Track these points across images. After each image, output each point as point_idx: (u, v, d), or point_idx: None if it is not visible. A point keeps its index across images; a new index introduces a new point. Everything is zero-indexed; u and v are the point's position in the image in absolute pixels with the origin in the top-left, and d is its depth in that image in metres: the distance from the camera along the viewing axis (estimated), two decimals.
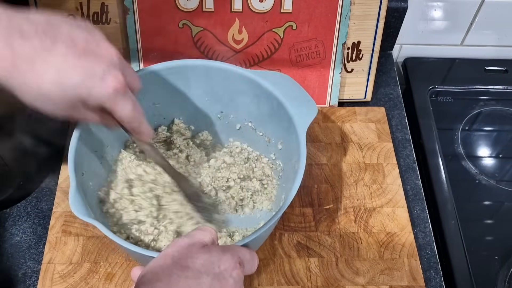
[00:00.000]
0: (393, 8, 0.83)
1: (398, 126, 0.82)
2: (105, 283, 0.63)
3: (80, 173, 0.56)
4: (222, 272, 0.45)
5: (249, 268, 0.50)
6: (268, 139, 0.69)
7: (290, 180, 0.60)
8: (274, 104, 0.63)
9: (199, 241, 0.48)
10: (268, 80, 0.63)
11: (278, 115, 0.63)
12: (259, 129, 0.70)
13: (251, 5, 0.73)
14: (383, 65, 0.90)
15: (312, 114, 0.61)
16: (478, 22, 0.89)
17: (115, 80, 0.46)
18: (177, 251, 0.46)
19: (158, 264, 0.45)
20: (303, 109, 0.61)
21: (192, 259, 0.45)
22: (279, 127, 0.65)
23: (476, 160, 0.82)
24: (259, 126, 0.69)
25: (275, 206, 0.68)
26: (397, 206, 0.72)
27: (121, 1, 0.72)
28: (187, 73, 0.65)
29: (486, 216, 0.76)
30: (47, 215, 0.69)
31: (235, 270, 0.46)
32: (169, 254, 0.46)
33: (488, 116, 0.88)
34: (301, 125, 0.60)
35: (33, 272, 0.65)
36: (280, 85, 0.63)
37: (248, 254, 0.50)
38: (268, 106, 0.65)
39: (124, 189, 0.63)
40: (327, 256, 0.67)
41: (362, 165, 0.76)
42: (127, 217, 0.62)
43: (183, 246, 0.47)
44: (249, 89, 0.65)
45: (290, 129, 0.61)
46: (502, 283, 0.69)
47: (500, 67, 0.93)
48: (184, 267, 0.45)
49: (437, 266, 0.68)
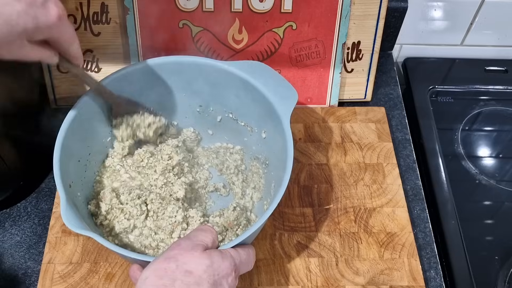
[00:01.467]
0: (393, 8, 0.83)
1: (398, 126, 0.82)
2: (105, 283, 0.63)
3: (67, 185, 0.56)
4: (220, 279, 0.47)
5: (245, 268, 0.51)
6: (250, 128, 0.69)
7: (279, 168, 0.60)
8: (254, 93, 0.64)
9: (201, 243, 0.48)
10: (245, 70, 0.64)
11: (258, 104, 0.64)
12: (240, 119, 0.70)
13: (251, 5, 0.73)
14: (383, 65, 0.90)
15: (293, 99, 0.62)
16: (478, 22, 0.89)
17: (56, 8, 0.46)
18: (180, 254, 0.46)
19: (162, 267, 0.45)
20: (283, 96, 0.62)
21: (196, 265, 0.46)
22: (261, 115, 0.65)
23: (476, 160, 0.82)
24: (240, 116, 0.69)
25: (266, 195, 0.68)
26: (397, 206, 0.72)
27: (121, 1, 0.72)
28: (161, 70, 0.66)
29: (486, 216, 0.76)
30: (47, 215, 0.69)
31: (230, 277, 0.48)
32: (172, 257, 0.46)
33: (488, 116, 0.88)
34: (284, 111, 0.61)
35: (33, 272, 0.65)
36: (258, 73, 0.64)
37: (244, 255, 0.51)
38: (248, 96, 0.65)
39: (113, 199, 0.63)
40: (327, 256, 0.67)
41: (362, 165, 0.76)
42: (120, 226, 0.62)
43: (186, 249, 0.47)
44: (226, 80, 0.65)
45: (273, 117, 0.62)
46: (502, 283, 0.69)
47: (500, 67, 0.93)
48: (187, 272, 0.45)
49: (437, 266, 0.68)
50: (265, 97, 0.62)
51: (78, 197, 0.60)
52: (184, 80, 0.67)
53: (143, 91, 0.67)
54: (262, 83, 0.63)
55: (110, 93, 0.63)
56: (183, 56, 0.66)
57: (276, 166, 0.64)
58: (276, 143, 0.62)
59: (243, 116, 0.69)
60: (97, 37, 0.75)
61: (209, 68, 0.65)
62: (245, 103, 0.66)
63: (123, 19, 0.74)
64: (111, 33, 0.75)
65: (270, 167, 0.67)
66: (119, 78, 0.64)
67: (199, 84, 0.68)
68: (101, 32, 0.75)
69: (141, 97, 0.67)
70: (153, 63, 0.65)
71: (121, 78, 0.64)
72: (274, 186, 0.64)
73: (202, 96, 0.69)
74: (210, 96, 0.69)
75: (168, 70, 0.66)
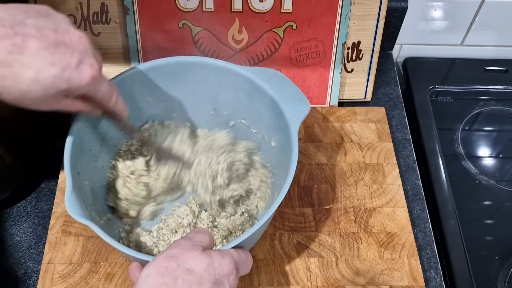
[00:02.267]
0: (393, 8, 0.83)
1: (398, 126, 0.82)
2: (105, 283, 0.63)
3: (75, 172, 0.56)
4: (221, 277, 0.47)
5: (244, 270, 0.52)
6: (262, 136, 0.69)
7: (282, 177, 0.60)
8: (267, 101, 0.63)
9: (200, 244, 0.48)
10: (261, 77, 0.63)
11: (271, 112, 0.63)
12: (253, 126, 0.69)
13: (251, 5, 0.73)
14: (383, 65, 0.90)
15: (305, 110, 0.61)
16: (478, 22, 0.89)
17: (90, 68, 0.47)
18: (181, 253, 0.46)
19: (163, 265, 0.45)
20: (296, 106, 0.62)
21: (197, 263, 0.46)
22: (272, 124, 0.65)
23: (476, 160, 0.82)
24: (253, 123, 0.69)
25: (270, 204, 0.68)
26: (397, 206, 0.72)
27: (121, 1, 0.72)
28: (179, 70, 0.65)
29: (486, 216, 0.76)
30: (47, 215, 0.69)
31: (231, 276, 0.48)
32: (173, 256, 0.46)
33: (488, 116, 0.88)
34: (294, 121, 0.60)
35: (33, 272, 0.65)
36: (273, 81, 0.63)
37: (243, 256, 0.52)
38: (261, 103, 0.65)
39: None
40: (327, 256, 0.67)
41: (362, 165, 0.76)
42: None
43: (187, 248, 0.47)
44: (242, 86, 0.65)
45: (282, 126, 0.62)
46: (502, 283, 0.69)
47: (500, 67, 0.93)
48: (189, 270, 0.45)
49: (437, 266, 0.68)
50: (278, 106, 0.61)
51: (86, 185, 0.60)
52: (202, 82, 0.66)
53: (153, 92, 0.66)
54: (275, 91, 0.62)
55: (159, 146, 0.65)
56: (198, 57, 0.65)
57: (280, 175, 0.64)
58: (285, 153, 0.62)
59: (255, 124, 0.69)
60: (97, 37, 0.75)
61: (228, 72, 0.64)
62: (258, 111, 0.66)
63: (123, 19, 0.74)
64: (111, 33, 0.75)
65: (276, 176, 0.67)
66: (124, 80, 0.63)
67: (216, 87, 0.67)
68: (101, 32, 0.75)
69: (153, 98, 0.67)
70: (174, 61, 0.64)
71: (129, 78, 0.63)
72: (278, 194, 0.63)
73: (217, 100, 0.69)
74: (225, 100, 0.68)
75: (182, 71, 0.65)
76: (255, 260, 0.66)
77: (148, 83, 0.64)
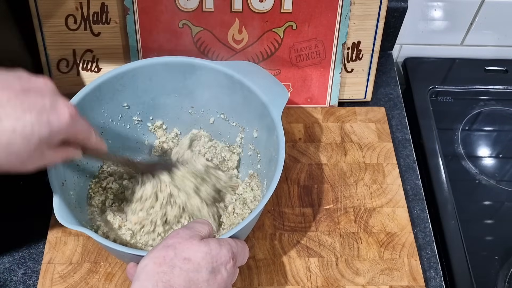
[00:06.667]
0: (393, 8, 0.83)
1: (398, 126, 0.82)
2: (105, 283, 0.63)
3: (60, 183, 0.56)
4: (219, 266, 0.48)
5: (241, 260, 0.53)
6: (242, 128, 0.69)
7: (271, 167, 0.60)
8: (245, 92, 0.64)
9: (199, 233, 0.49)
10: (236, 69, 0.64)
11: (250, 103, 0.64)
12: (231, 119, 0.69)
13: (251, 5, 0.73)
14: (383, 65, 0.90)
15: (284, 97, 0.62)
16: (478, 22, 0.89)
17: (66, 108, 0.45)
18: (179, 242, 0.47)
19: (161, 254, 0.46)
20: (274, 94, 0.62)
21: (194, 252, 0.47)
22: (252, 114, 0.65)
23: (476, 160, 0.82)
24: (231, 116, 0.69)
25: (259, 193, 0.68)
26: (397, 206, 0.72)
27: (121, 1, 0.72)
28: (151, 71, 0.65)
29: (486, 216, 0.76)
30: (47, 215, 0.69)
31: (229, 264, 0.49)
32: (171, 245, 0.47)
33: (488, 116, 0.88)
34: (275, 109, 0.61)
35: (33, 272, 0.65)
36: (248, 72, 0.64)
37: (241, 245, 0.52)
38: (239, 95, 0.65)
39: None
40: (327, 256, 0.67)
41: (362, 165, 0.76)
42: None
43: (184, 238, 0.48)
44: (217, 81, 0.65)
45: (264, 115, 0.62)
46: (502, 283, 0.69)
47: (500, 67, 0.93)
48: (186, 259, 0.46)
49: (437, 266, 0.68)
50: (257, 96, 0.62)
51: (71, 196, 0.60)
52: (175, 81, 0.67)
53: (134, 92, 0.66)
54: (252, 81, 0.63)
55: (147, 164, 0.65)
56: (173, 57, 0.65)
57: (267, 164, 0.64)
58: (268, 142, 0.63)
59: (234, 116, 0.69)
60: (97, 37, 0.75)
61: (199, 68, 0.65)
62: (236, 103, 0.66)
63: (123, 19, 0.74)
64: (111, 33, 0.75)
65: (262, 165, 0.67)
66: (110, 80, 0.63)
67: (190, 85, 0.67)
68: (101, 32, 0.75)
69: (132, 99, 0.67)
70: (141, 64, 0.64)
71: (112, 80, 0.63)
72: (267, 183, 0.64)
73: (193, 97, 0.69)
74: (201, 97, 0.69)
75: (158, 71, 0.65)
76: (255, 260, 0.66)
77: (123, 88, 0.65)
